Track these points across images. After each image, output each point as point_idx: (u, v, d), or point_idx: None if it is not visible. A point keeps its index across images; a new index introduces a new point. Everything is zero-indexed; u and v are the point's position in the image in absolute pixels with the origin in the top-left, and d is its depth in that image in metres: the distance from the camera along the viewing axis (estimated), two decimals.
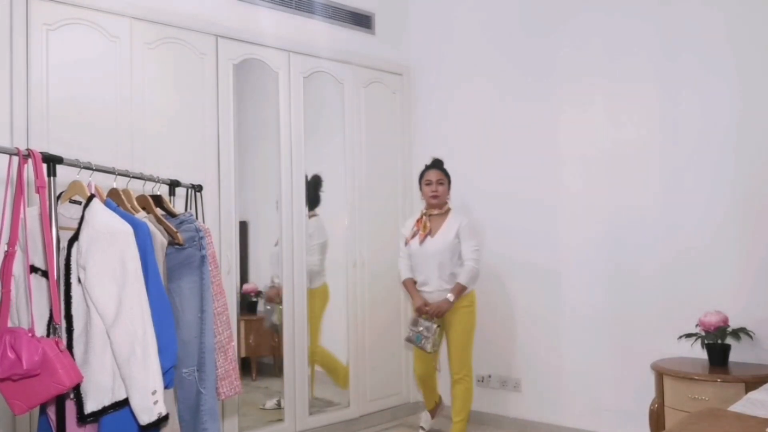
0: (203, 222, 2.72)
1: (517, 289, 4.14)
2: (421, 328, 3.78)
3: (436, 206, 3.88)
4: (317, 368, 4.17)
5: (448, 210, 3.92)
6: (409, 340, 3.85)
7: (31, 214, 2.05)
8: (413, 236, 3.89)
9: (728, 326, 3.20)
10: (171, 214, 2.48)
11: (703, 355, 3.33)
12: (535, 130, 4.09)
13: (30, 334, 1.82)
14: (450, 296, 3.73)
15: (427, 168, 3.96)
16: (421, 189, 3.98)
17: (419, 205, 4.19)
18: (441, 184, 3.88)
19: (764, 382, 2.81)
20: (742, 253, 3.34)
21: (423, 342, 3.76)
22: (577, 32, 3.92)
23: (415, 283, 3.91)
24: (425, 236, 3.83)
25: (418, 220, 3.91)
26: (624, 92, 3.74)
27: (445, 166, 3.95)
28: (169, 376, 2.09)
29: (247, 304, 3.94)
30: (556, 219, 3.98)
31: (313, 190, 4.15)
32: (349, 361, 4.23)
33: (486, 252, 4.13)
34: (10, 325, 1.97)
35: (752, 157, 3.33)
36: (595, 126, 3.85)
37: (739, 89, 3.37)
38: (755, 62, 3.32)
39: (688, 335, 3.32)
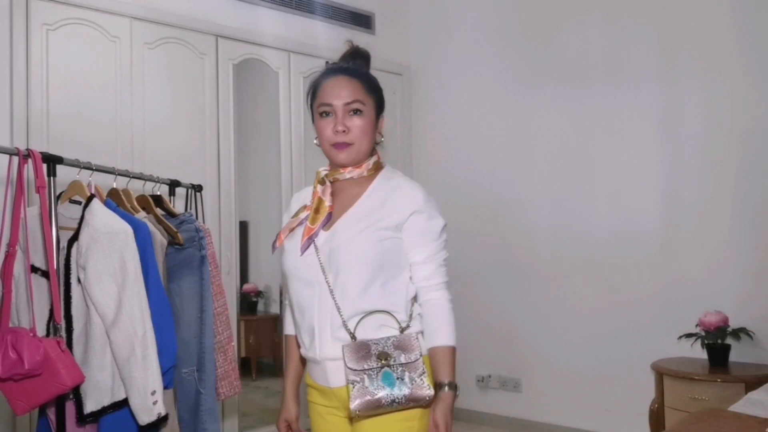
0: (203, 222, 2.73)
1: (518, 289, 4.14)
2: (372, 365, 1.47)
3: (347, 163, 1.62)
4: None
5: (379, 168, 1.66)
6: (372, 404, 1.44)
7: (31, 214, 2.05)
8: (293, 229, 1.65)
9: (728, 326, 3.20)
10: (171, 214, 2.49)
11: (703, 355, 3.32)
12: (534, 130, 4.08)
13: (31, 334, 1.83)
14: (445, 379, 1.52)
15: (323, 75, 1.64)
16: (315, 127, 1.65)
17: None
18: (357, 112, 1.58)
19: (764, 382, 2.81)
20: (742, 253, 3.34)
21: (401, 386, 1.46)
22: (578, 31, 3.92)
23: (298, 347, 1.67)
24: (316, 228, 1.60)
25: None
26: (624, 91, 3.73)
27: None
28: (169, 376, 2.09)
29: (247, 304, 3.94)
30: (557, 219, 3.97)
31: None
32: None
33: (486, 252, 4.11)
34: (11, 325, 1.97)
35: (753, 157, 3.32)
36: (595, 126, 3.85)
37: (741, 88, 3.36)
38: (759, 60, 3.32)
39: (688, 335, 3.32)
